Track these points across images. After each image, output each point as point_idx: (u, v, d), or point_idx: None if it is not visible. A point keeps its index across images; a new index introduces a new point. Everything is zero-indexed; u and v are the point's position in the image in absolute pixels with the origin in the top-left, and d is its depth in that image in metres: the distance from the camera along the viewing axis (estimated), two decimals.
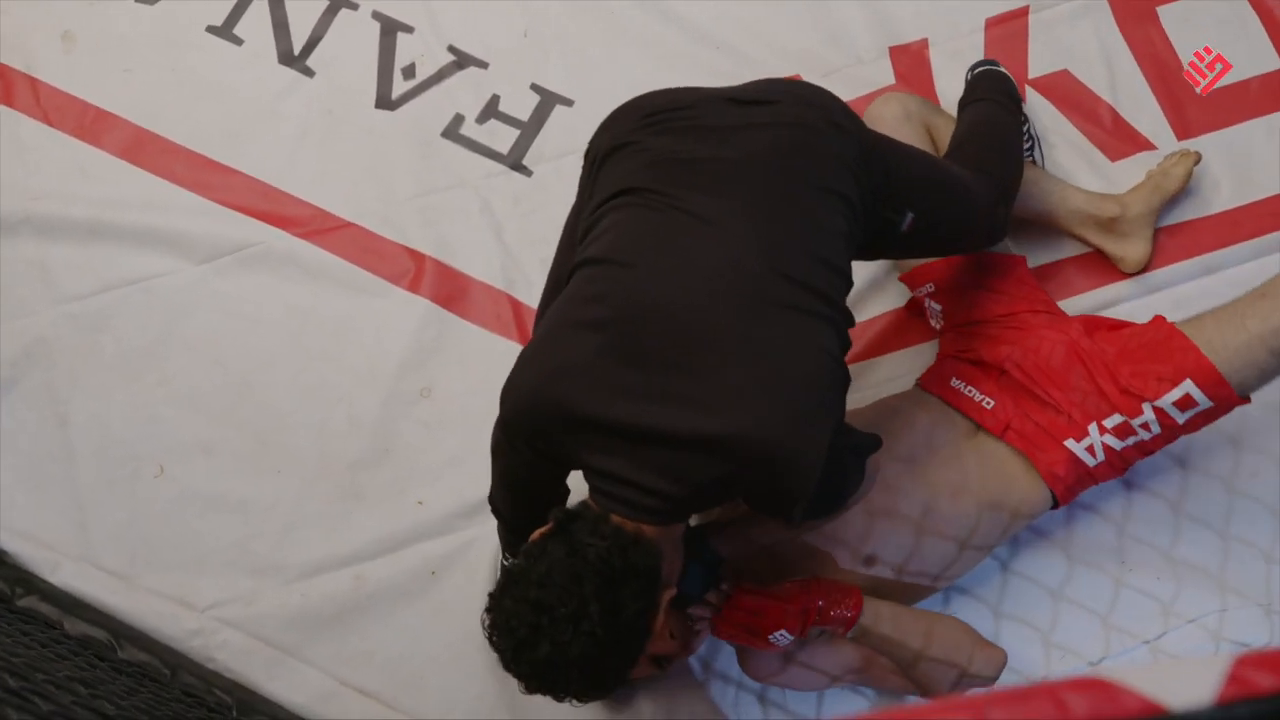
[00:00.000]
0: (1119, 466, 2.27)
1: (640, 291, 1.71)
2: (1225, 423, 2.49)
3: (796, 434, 1.67)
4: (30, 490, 2.54)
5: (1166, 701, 0.69)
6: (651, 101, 1.96)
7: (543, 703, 2.38)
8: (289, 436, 2.58)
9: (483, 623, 1.74)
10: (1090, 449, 2.24)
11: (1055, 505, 2.29)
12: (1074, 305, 2.53)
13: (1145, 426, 2.21)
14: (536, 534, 1.74)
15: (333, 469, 2.56)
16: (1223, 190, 2.61)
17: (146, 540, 2.53)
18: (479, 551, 2.49)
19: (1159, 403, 2.19)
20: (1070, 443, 2.24)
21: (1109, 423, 2.23)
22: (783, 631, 2.04)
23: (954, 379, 2.35)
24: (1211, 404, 2.18)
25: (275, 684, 2.45)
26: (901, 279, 2.53)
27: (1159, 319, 2.29)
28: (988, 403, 2.30)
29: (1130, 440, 2.23)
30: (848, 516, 2.19)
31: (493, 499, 2.19)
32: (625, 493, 1.69)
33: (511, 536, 2.32)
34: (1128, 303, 2.55)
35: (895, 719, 0.71)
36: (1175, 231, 2.59)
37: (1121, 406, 2.21)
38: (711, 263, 1.71)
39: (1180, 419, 2.20)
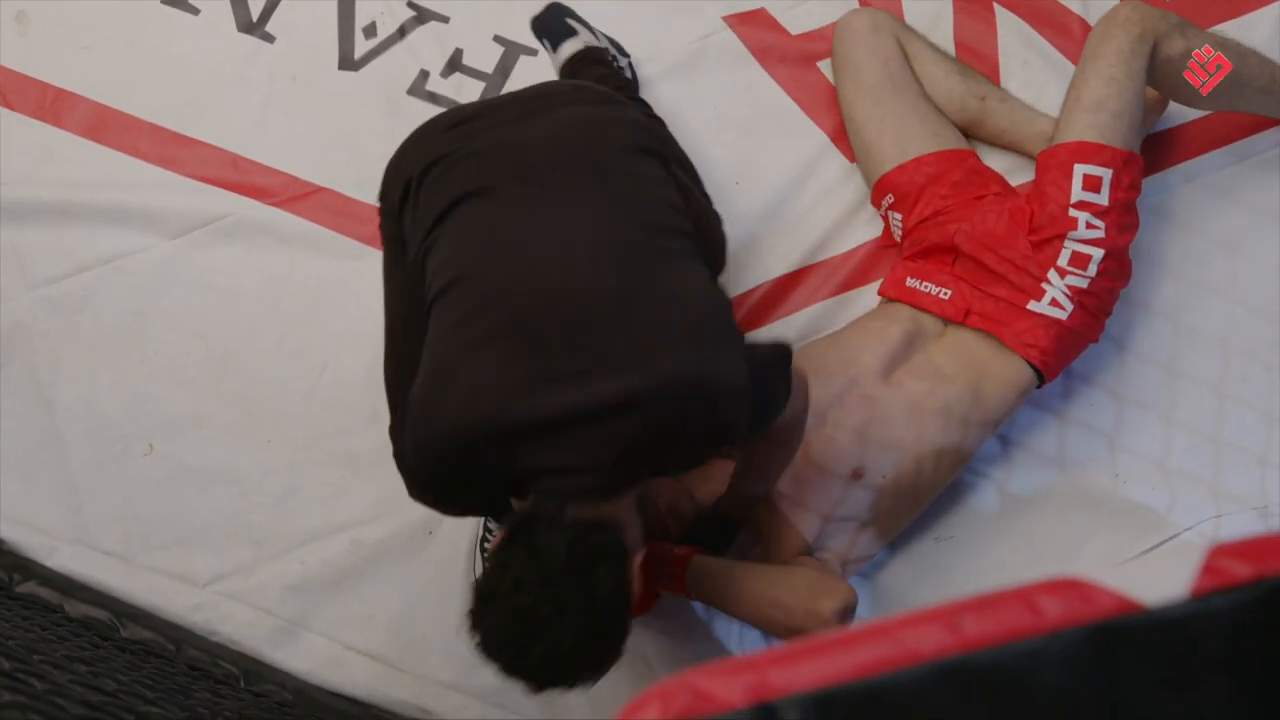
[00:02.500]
0: (1094, 309, 2.29)
1: (514, 286, 1.70)
2: (1212, 328, 2.50)
3: (714, 363, 1.68)
4: (21, 476, 2.53)
5: (1141, 598, 0.68)
6: (438, 122, 1.99)
7: None
8: (276, 405, 2.56)
9: (472, 640, 1.70)
10: (1055, 302, 2.27)
11: (1042, 381, 2.30)
12: None
13: (1090, 227, 2.24)
14: (496, 542, 1.71)
15: (323, 435, 2.55)
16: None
17: (142, 519, 2.52)
18: None
19: (1073, 199, 2.26)
20: (1033, 305, 2.27)
21: (1063, 260, 2.26)
22: None
23: (909, 279, 2.38)
24: (1110, 170, 2.25)
25: (280, 653, 2.46)
26: (871, 203, 2.55)
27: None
28: (944, 293, 2.33)
29: (1090, 268, 2.25)
30: (832, 436, 2.21)
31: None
32: (572, 482, 1.67)
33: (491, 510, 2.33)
34: None
35: (870, 632, 0.71)
36: (1150, 142, 2.57)
37: (1057, 229, 2.26)
38: (569, 235, 1.73)
39: (1103, 200, 2.26)
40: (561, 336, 1.65)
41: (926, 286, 2.35)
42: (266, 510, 2.52)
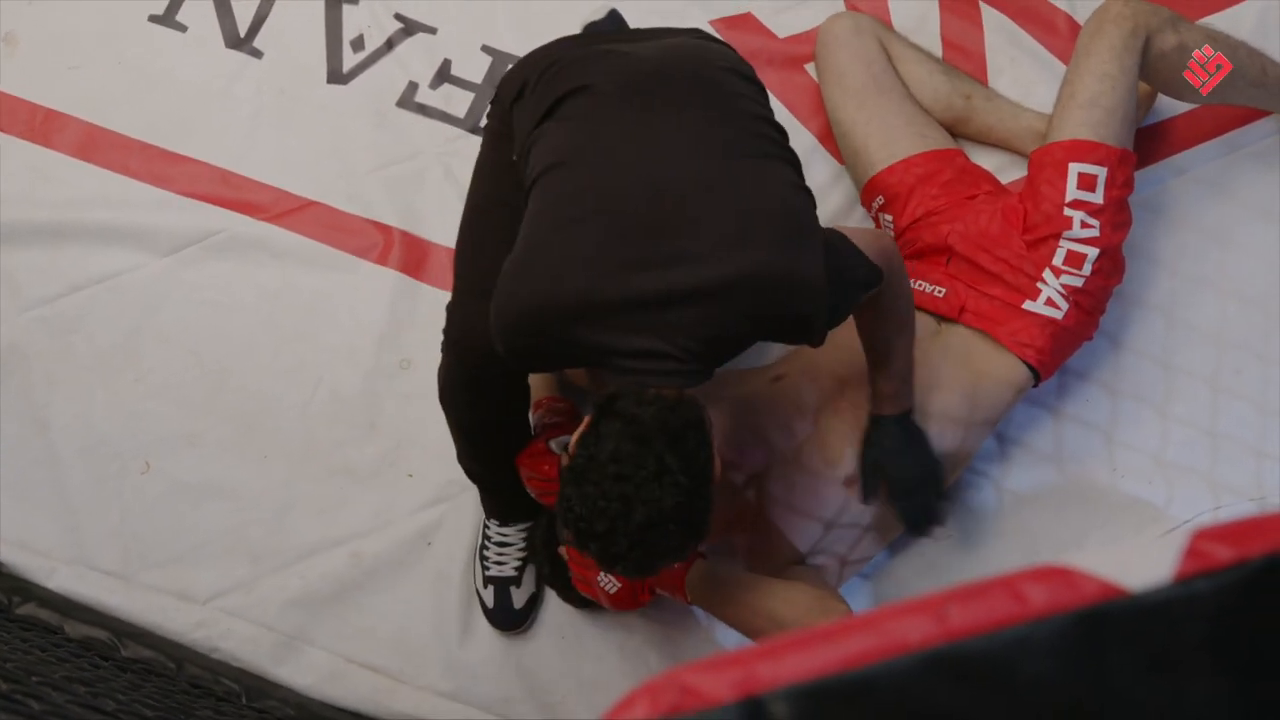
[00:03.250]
0: (1089, 307, 2.29)
1: (615, 173, 1.77)
2: (1205, 321, 2.50)
3: (792, 259, 1.74)
4: (18, 498, 2.52)
5: (1125, 583, 0.68)
6: (561, 39, 2.09)
7: (553, 664, 2.42)
8: (273, 420, 2.56)
9: (566, 524, 1.72)
10: (1050, 301, 2.27)
11: (1038, 380, 2.29)
12: None
13: (1085, 226, 2.25)
14: (582, 427, 1.74)
15: (320, 449, 2.55)
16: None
17: (140, 537, 2.51)
18: (474, 519, 2.48)
19: (1068, 197, 2.26)
20: (1029, 304, 2.27)
21: (1058, 259, 2.26)
22: (605, 575, 2.11)
23: None
24: (1105, 168, 2.26)
25: (282, 668, 2.45)
26: (861, 204, 2.55)
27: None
28: (939, 291, 2.33)
29: (1086, 267, 2.25)
30: (824, 440, 2.21)
31: (463, 460, 2.22)
32: (656, 365, 1.72)
33: (494, 498, 2.34)
34: None
35: (857, 624, 0.71)
36: (1140, 136, 2.57)
37: (1052, 228, 2.26)
38: (666, 133, 1.80)
39: (1098, 198, 2.26)
40: (651, 225, 1.72)
41: (920, 285, 2.35)
42: (264, 525, 2.52)
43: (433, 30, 2.75)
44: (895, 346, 2.08)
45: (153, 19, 2.75)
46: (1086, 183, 2.25)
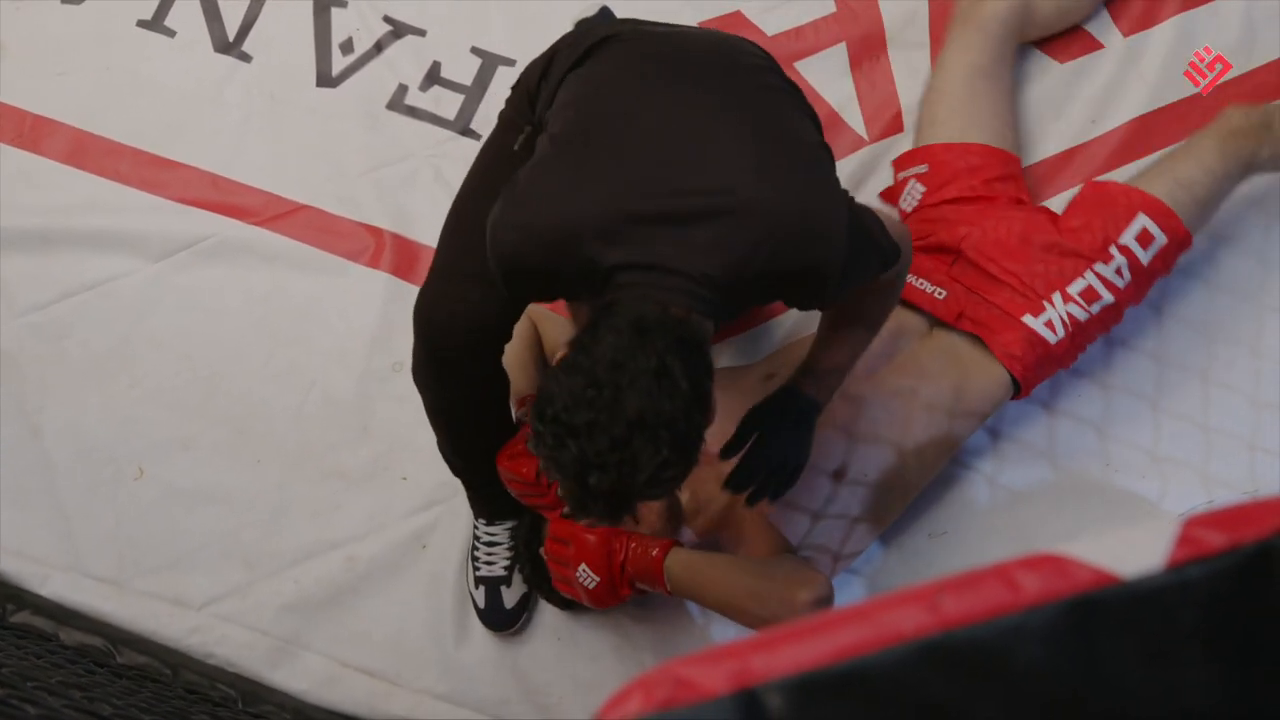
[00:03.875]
0: (1080, 343, 2.31)
1: (637, 105, 1.75)
2: (1196, 314, 2.51)
3: (814, 196, 1.70)
4: (12, 504, 2.52)
5: (1118, 570, 0.68)
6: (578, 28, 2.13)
7: (548, 665, 2.42)
8: (266, 424, 2.56)
9: (542, 421, 1.54)
10: (1050, 324, 2.27)
11: (1017, 393, 2.30)
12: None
13: (1119, 272, 2.28)
14: (575, 335, 1.63)
15: (313, 452, 2.55)
16: (1174, 83, 2.62)
17: (134, 543, 2.51)
18: (468, 521, 2.48)
19: (1122, 240, 2.28)
20: (1028, 319, 2.28)
21: (1074, 288, 2.27)
22: (585, 566, 2.11)
23: None
24: (1166, 239, 2.30)
25: (278, 673, 2.44)
26: (895, 163, 2.55)
27: (1091, 182, 2.42)
28: (939, 293, 2.33)
29: (1095, 307, 2.26)
30: (818, 435, 2.21)
31: (443, 451, 2.24)
32: (670, 280, 1.61)
33: (478, 494, 2.33)
34: None
35: (850, 614, 0.71)
36: (1129, 129, 2.59)
37: (1090, 253, 2.28)
38: (693, 81, 1.78)
39: (1144, 258, 2.29)
40: (672, 150, 1.68)
41: (922, 284, 2.35)
42: (259, 529, 2.51)
43: (421, 32, 2.75)
44: (850, 338, 1.99)
45: (141, 24, 2.76)
46: (1145, 239, 2.30)
